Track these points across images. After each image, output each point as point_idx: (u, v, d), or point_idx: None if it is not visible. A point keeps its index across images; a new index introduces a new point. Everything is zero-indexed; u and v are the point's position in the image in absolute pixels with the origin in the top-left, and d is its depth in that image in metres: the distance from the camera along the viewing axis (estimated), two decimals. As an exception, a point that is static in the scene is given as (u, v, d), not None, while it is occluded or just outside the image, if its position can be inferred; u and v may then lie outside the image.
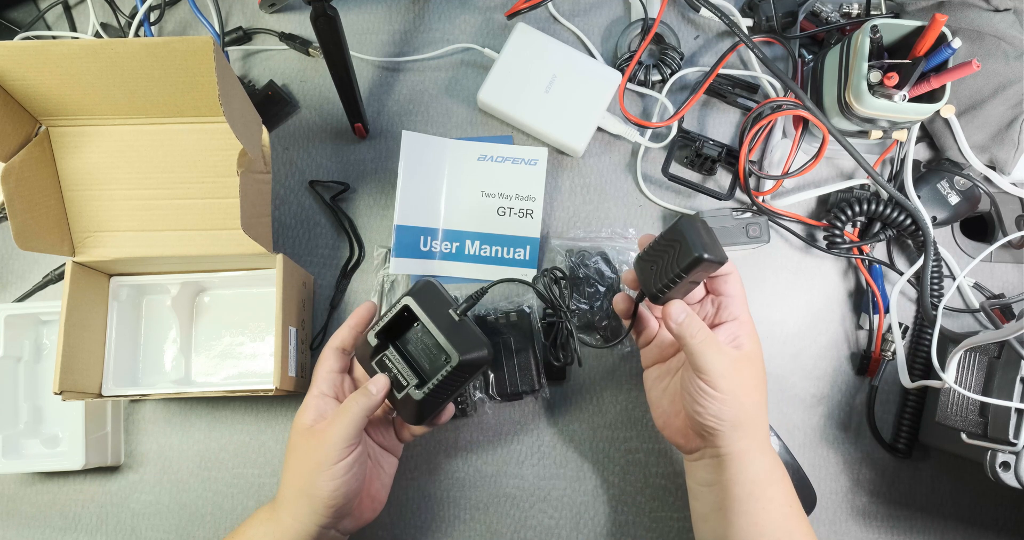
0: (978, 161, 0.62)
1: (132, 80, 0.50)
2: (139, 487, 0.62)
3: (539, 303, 0.64)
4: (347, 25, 0.56)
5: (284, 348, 0.55)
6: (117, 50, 0.47)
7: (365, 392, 0.48)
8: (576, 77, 0.63)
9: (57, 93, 0.50)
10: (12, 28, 0.68)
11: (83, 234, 0.55)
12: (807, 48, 0.66)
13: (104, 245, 0.56)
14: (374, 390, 0.48)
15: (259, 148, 0.57)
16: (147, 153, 0.54)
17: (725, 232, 0.61)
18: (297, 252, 0.65)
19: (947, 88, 0.55)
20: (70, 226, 0.55)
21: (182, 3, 0.68)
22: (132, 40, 0.48)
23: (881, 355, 0.62)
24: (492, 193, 0.65)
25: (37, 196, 0.52)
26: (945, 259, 0.64)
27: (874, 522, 0.63)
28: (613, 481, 0.62)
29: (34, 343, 0.62)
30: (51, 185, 0.54)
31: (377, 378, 0.49)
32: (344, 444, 0.47)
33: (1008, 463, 0.51)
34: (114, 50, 0.47)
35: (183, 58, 0.48)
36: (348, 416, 0.47)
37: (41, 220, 0.52)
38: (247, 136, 0.52)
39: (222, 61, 0.46)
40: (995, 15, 0.59)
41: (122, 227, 0.56)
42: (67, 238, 0.55)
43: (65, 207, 0.55)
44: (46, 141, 0.53)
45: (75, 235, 0.55)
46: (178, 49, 0.47)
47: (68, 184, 0.54)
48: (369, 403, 0.48)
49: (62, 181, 0.54)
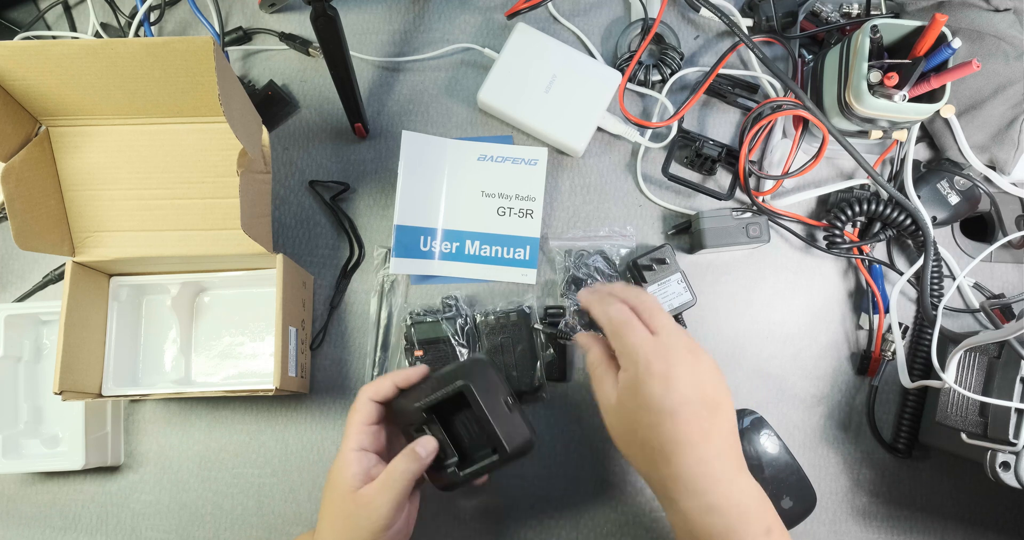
0: (978, 161, 0.62)
1: (132, 80, 0.50)
2: (139, 487, 0.62)
3: (539, 303, 0.64)
4: (347, 25, 0.56)
5: (284, 348, 0.55)
6: (117, 50, 0.47)
7: (414, 457, 0.46)
8: (576, 77, 0.63)
9: (57, 93, 0.50)
10: (12, 28, 0.68)
11: (83, 234, 0.55)
12: (807, 48, 0.66)
13: (104, 245, 0.56)
14: (423, 454, 0.47)
15: (259, 148, 0.57)
16: (147, 153, 0.54)
17: (725, 232, 0.61)
18: (297, 252, 0.65)
19: (947, 88, 0.55)
20: (70, 226, 0.55)
21: (182, 3, 0.68)
22: (132, 40, 0.48)
23: (881, 355, 0.62)
24: (492, 193, 0.65)
25: (37, 196, 0.52)
26: (945, 259, 0.64)
27: (874, 522, 0.63)
28: (613, 481, 0.62)
29: (34, 343, 0.62)
30: (51, 185, 0.54)
31: (427, 441, 0.47)
32: (396, 511, 0.45)
33: (1008, 463, 0.51)
34: (114, 50, 0.47)
35: (183, 58, 0.48)
36: (399, 484, 0.45)
37: (41, 220, 0.52)
38: (247, 136, 0.52)
39: (222, 61, 0.46)
40: (995, 15, 0.59)
41: (122, 227, 0.56)
42: (67, 238, 0.55)
43: (65, 207, 0.55)
44: (46, 141, 0.53)
45: (75, 235, 0.55)
46: (178, 49, 0.47)
47: (68, 184, 0.54)
48: (418, 468, 0.46)
49: (62, 181, 0.54)
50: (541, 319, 0.62)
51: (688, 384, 0.43)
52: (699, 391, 0.43)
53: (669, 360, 0.44)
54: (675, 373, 0.43)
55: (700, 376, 0.44)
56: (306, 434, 0.63)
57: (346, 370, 0.64)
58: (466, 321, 0.62)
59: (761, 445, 0.61)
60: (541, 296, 0.64)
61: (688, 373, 0.44)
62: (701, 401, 0.43)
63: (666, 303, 0.61)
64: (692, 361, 0.44)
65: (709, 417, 0.43)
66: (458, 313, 0.62)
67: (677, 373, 0.43)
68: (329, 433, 0.63)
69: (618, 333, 0.46)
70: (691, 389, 0.43)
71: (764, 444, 0.62)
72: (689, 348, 0.45)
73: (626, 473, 0.62)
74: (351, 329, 0.64)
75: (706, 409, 0.43)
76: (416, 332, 0.61)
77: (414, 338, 0.61)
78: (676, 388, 0.43)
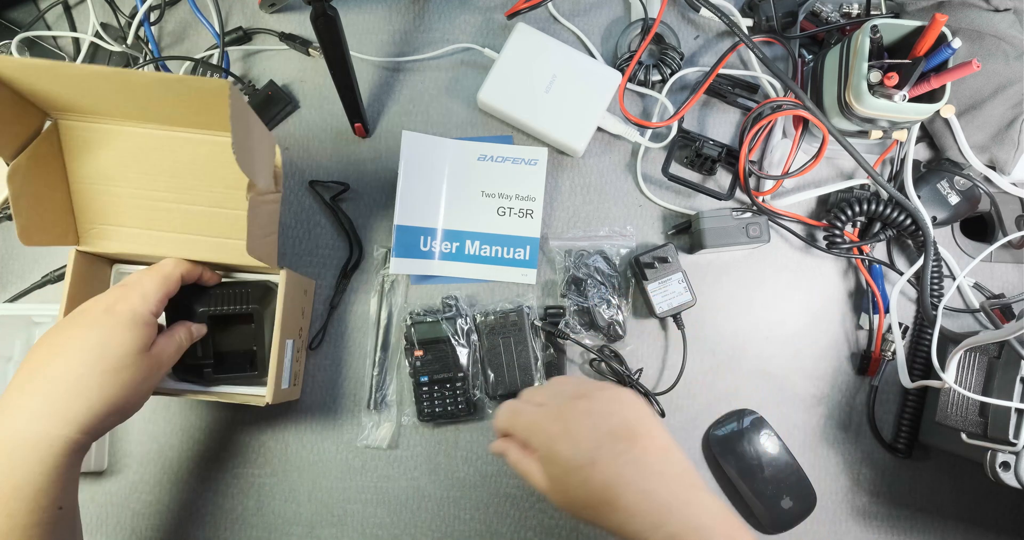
0: (978, 161, 0.62)
1: (144, 99, 0.49)
2: (139, 487, 0.62)
3: (538, 303, 0.64)
4: (347, 25, 0.56)
5: (280, 362, 0.55)
6: (130, 79, 0.46)
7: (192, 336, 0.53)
8: (576, 77, 0.63)
9: (65, 99, 0.49)
10: (12, 28, 0.68)
11: (88, 225, 0.55)
12: (807, 48, 0.66)
13: (109, 238, 0.55)
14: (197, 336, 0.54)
15: (271, 175, 0.57)
16: (157, 157, 0.54)
17: (725, 232, 0.61)
18: (297, 252, 0.65)
19: (947, 88, 0.55)
20: (76, 217, 0.55)
21: (182, 3, 0.68)
22: (147, 73, 0.47)
23: (881, 355, 0.62)
24: (492, 193, 0.65)
25: (43, 192, 0.51)
26: (945, 259, 0.64)
27: (874, 522, 0.63)
28: (613, 481, 0.62)
29: (25, 343, 0.62)
30: (58, 180, 0.53)
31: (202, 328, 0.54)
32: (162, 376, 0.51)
33: (1008, 463, 0.51)
34: (127, 78, 0.46)
35: (199, 94, 0.47)
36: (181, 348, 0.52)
37: (46, 215, 0.52)
38: (260, 169, 0.51)
39: (238, 102, 0.45)
40: (995, 15, 0.59)
41: (127, 223, 0.55)
42: (72, 229, 0.55)
43: (72, 200, 0.54)
44: (54, 136, 0.53)
45: (80, 226, 0.55)
46: (193, 86, 0.46)
47: (76, 177, 0.54)
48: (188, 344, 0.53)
49: (70, 174, 0.54)
50: (541, 319, 0.62)
51: (590, 429, 0.42)
52: (605, 429, 0.42)
53: (563, 417, 0.43)
54: (573, 426, 0.43)
55: (598, 417, 0.43)
56: (306, 434, 0.63)
57: (346, 370, 0.64)
58: (466, 321, 0.62)
59: (761, 445, 0.62)
60: (541, 296, 0.64)
61: (584, 421, 0.43)
62: (613, 438, 0.42)
63: (666, 302, 0.61)
64: (585, 407, 0.44)
65: (631, 448, 0.42)
66: (458, 313, 0.62)
67: (575, 425, 0.43)
68: (329, 433, 0.63)
69: (513, 426, 0.46)
70: (596, 432, 0.42)
71: (764, 444, 0.62)
72: (577, 394, 0.45)
73: (626, 473, 0.62)
74: (351, 329, 0.64)
75: (623, 442, 0.42)
76: (416, 332, 0.61)
77: (414, 338, 0.61)
78: (581, 439, 0.42)
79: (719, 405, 0.64)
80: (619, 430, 0.42)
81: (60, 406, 0.44)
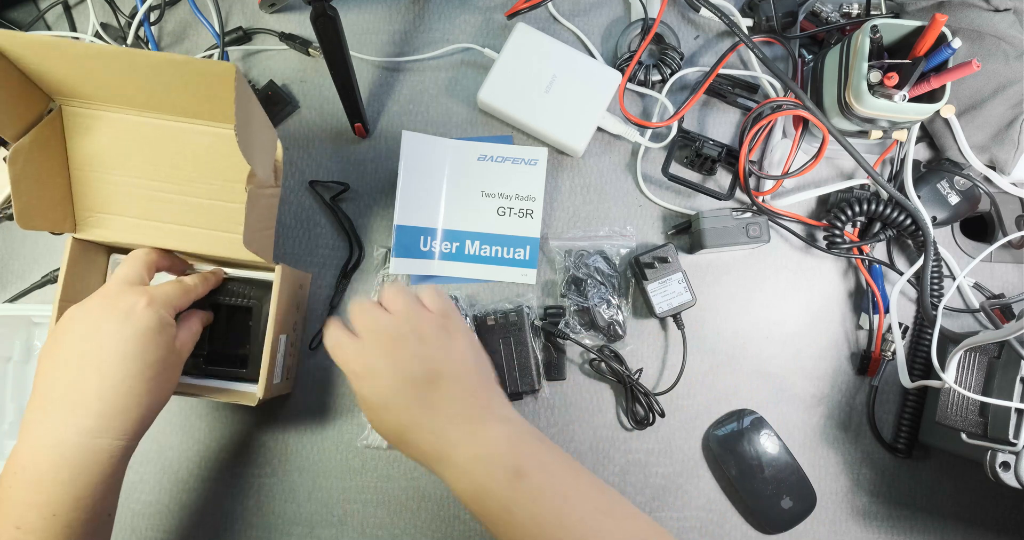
0: (978, 161, 0.62)
1: (149, 83, 0.49)
2: (139, 487, 0.62)
3: (538, 303, 0.64)
4: (347, 25, 0.56)
5: (272, 358, 0.55)
6: (137, 59, 0.46)
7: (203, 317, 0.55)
8: (576, 77, 0.63)
9: (72, 81, 0.49)
10: (12, 28, 0.68)
11: (86, 213, 0.55)
12: (807, 48, 0.66)
13: (106, 227, 0.55)
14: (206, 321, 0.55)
15: (271, 168, 0.57)
16: (158, 146, 0.54)
17: (725, 232, 0.61)
18: (297, 252, 0.65)
19: (947, 88, 0.55)
20: (74, 205, 0.55)
21: (182, 3, 0.68)
22: (155, 53, 0.47)
23: (881, 355, 0.62)
24: (492, 193, 0.65)
25: (44, 176, 0.51)
26: (945, 259, 0.64)
27: (874, 522, 0.63)
28: (613, 481, 0.62)
29: (24, 344, 0.62)
30: (59, 165, 0.53)
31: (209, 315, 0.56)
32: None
33: (1008, 463, 0.51)
34: (134, 58, 0.46)
35: (205, 77, 0.47)
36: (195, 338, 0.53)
37: (45, 199, 0.52)
38: (261, 158, 0.51)
39: (243, 87, 0.46)
40: (995, 15, 0.59)
41: (125, 212, 0.55)
42: (70, 216, 0.55)
43: (71, 186, 0.54)
44: (58, 120, 0.52)
45: (78, 213, 0.55)
46: (199, 69, 0.46)
47: (76, 164, 0.54)
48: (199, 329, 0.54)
49: (71, 160, 0.54)
50: (541, 319, 0.62)
51: (390, 374, 0.44)
52: (407, 373, 0.44)
53: (366, 357, 0.44)
54: (375, 369, 0.44)
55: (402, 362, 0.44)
56: (306, 434, 0.63)
57: (346, 370, 0.64)
58: (466, 321, 0.62)
59: (761, 445, 0.62)
60: (541, 296, 0.64)
61: (387, 363, 0.44)
62: (411, 384, 0.43)
63: (666, 302, 0.61)
64: (391, 348, 0.44)
65: (429, 392, 0.43)
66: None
67: (376, 368, 0.44)
68: (329, 433, 0.63)
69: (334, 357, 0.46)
70: (395, 378, 0.44)
71: (764, 444, 0.62)
72: (392, 335, 0.45)
73: (626, 473, 0.62)
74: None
75: (422, 386, 0.43)
76: (416, 332, 0.61)
77: (414, 338, 0.61)
78: (379, 383, 0.44)
79: (719, 405, 0.64)
80: (419, 376, 0.44)
81: (115, 423, 0.46)
